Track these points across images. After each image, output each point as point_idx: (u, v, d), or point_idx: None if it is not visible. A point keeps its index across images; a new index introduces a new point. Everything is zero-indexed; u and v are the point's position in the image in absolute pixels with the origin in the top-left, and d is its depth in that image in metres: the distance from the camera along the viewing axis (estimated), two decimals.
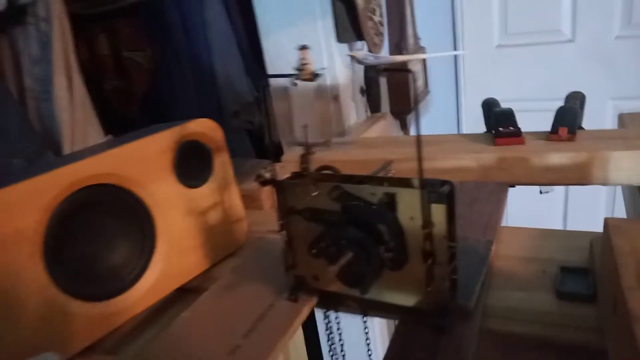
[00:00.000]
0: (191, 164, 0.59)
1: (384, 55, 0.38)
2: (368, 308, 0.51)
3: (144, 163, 0.54)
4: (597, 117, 1.78)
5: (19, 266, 0.45)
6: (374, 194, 0.44)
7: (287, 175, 0.50)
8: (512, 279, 0.51)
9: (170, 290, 0.58)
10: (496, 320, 0.47)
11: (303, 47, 0.44)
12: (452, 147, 0.83)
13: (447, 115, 2.15)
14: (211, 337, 0.48)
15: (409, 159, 0.80)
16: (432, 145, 0.86)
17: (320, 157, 0.87)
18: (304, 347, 0.82)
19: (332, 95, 1.28)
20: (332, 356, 0.60)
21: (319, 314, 1.15)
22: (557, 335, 0.44)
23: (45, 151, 1.05)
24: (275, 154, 0.50)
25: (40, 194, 0.46)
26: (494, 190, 0.69)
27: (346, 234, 0.45)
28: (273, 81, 1.33)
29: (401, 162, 0.79)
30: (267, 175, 0.48)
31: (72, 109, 1.06)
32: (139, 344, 0.53)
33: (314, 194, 0.47)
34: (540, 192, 0.94)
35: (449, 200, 0.42)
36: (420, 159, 0.41)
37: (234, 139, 1.35)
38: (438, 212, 0.42)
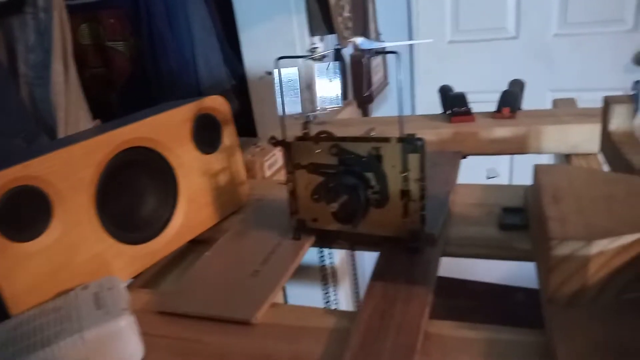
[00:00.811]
0: (205, 133, 0.71)
1: (375, 42, 0.49)
2: (355, 243, 0.64)
3: (171, 130, 0.65)
4: (537, 106, 1.99)
5: (80, 211, 0.56)
6: (364, 149, 0.58)
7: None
8: (466, 218, 0.66)
9: (189, 238, 0.69)
10: (455, 247, 0.61)
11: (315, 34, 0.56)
12: (415, 125, 0.97)
13: (403, 104, 2.32)
14: (233, 266, 0.60)
15: (381, 134, 0.94)
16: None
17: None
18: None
19: (306, 84, 1.41)
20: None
21: None
22: (499, 254, 0.59)
23: (40, 133, 1.13)
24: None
25: (97, 151, 0.57)
26: (450, 157, 0.84)
27: (342, 181, 0.58)
28: (249, 72, 1.44)
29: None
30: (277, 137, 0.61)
31: (67, 94, 1.14)
32: (170, 279, 0.65)
33: (317, 151, 0.60)
34: (487, 177, 1.10)
35: (422, 151, 0.55)
36: (401, 121, 0.54)
37: None
38: (414, 160, 0.56)
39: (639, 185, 0.51)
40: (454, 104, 0.97)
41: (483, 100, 1.23)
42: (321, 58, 0.58)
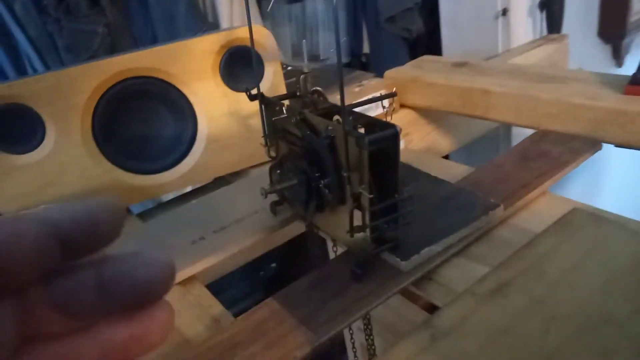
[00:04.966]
0: (240, 68, 0.63)
1: None
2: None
3: (187, 62, 0.60)
4: None
5: (74, 134, 0.57)
6: (329, 127, 0.42)
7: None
8: (494, 254, 0.44)
9: (204, 180, 0.65)
10: (439, 289, 0.42)
11: None
12: (573, 90, 0.67)
13: None
14: (191, 227, 0.54)
15: (507, 95, 0.69)
16: (553, 82, 0.71)
17: (419, 76, 0.80)
18: None
19: (500, 8, 1.12)
20: None
21: None
22: None
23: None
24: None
25: (89, 79, 0.56)
26: (575, 149, 0.56)
27: (295, 161, 0.45)
28: None
29: (500, 97, 0.69)
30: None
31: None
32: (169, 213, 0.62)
33: (282, 116, 0.47)
34: None
35: (379, 147, 0.37)
36: (342, 97, 0.37)
37: (388, 46, 1.30)
38: (362, 157, 0.38)
39: None
40: None
41: None
42: None
